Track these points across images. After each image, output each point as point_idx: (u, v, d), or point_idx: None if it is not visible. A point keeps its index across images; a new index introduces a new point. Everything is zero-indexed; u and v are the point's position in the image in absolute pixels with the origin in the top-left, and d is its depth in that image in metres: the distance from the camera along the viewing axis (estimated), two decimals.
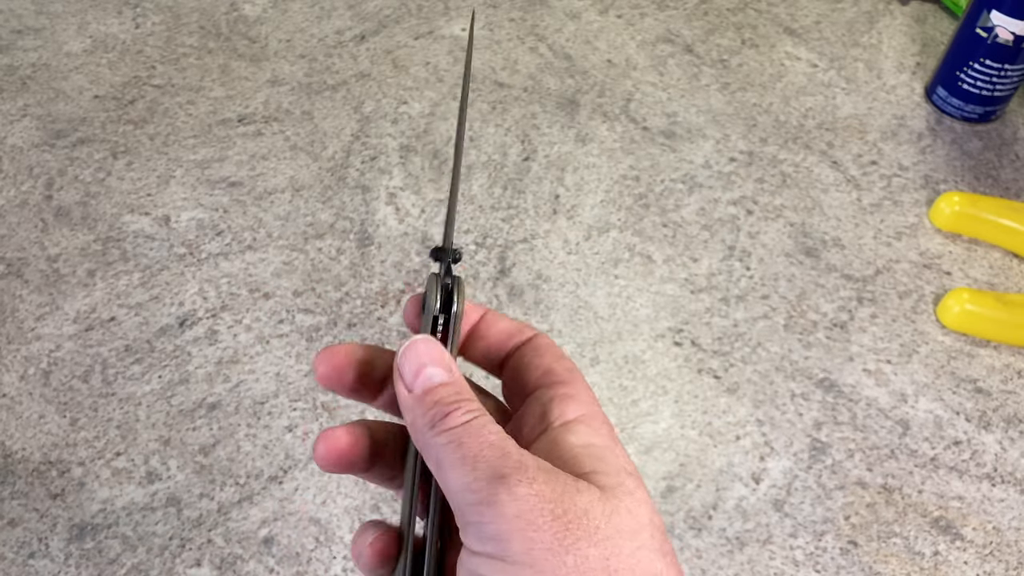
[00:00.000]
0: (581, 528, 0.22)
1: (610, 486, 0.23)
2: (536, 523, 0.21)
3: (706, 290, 0.63)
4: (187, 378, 0.58)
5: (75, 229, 0.66)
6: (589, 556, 0.21)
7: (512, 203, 0.68)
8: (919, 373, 0.59)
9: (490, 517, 0.22)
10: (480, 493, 0.22)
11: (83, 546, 0.51)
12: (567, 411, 0.26)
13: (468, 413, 0.24)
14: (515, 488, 0.22)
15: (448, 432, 0.23)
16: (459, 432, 0.23)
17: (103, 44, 0.80)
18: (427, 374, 0.25)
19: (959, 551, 0.52)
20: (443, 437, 0.23)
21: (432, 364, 0.25)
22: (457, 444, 0.23)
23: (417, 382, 0.25)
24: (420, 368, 0.25)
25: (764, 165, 0.71)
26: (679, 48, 0.81)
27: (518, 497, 0.22)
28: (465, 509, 0.23)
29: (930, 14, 0.85)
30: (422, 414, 0.24)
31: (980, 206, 0.66)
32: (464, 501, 0.23)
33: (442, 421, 0.24)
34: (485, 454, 0.23)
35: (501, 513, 0.22)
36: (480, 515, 0.22)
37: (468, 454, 0.23)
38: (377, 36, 0.81)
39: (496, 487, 0.22)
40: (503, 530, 0.22)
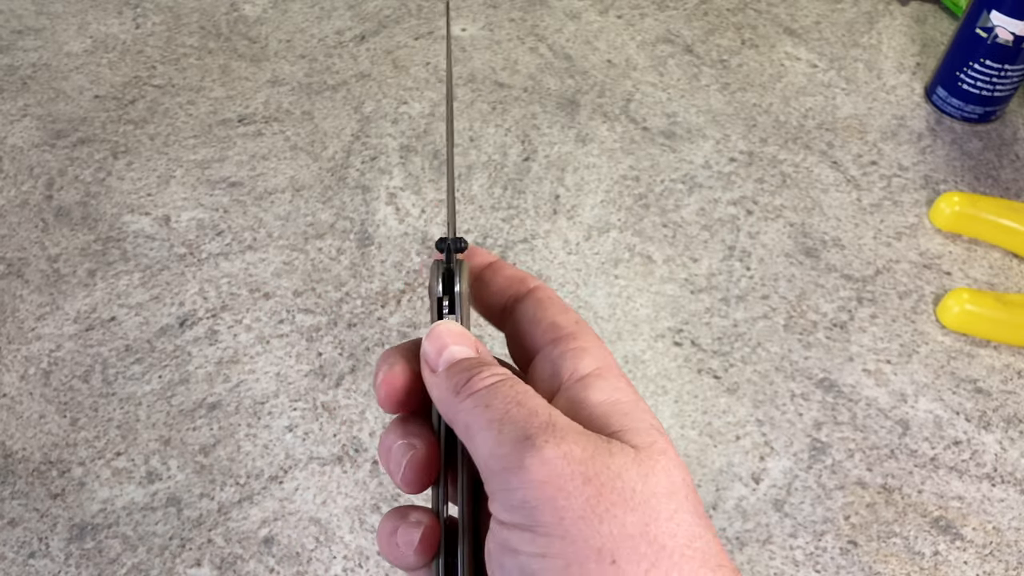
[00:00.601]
0: (616, 492, 0.20)
1: (643, 445, 0.21)
2: (566, 489, 0.20)
3: (706, 290, 0.63)
4: (187, 378, 0.58)
5: (75, 229, 0.66)
6: (626, 523, 0.20)
7: (512, 203, 0.68)
8: (919, 373, 0.59)
9: (517, 484, 0.20)
10: (507, 458, 0.21)
11: (83, 546, 0.51)
12: (580, 366, 0.24)
13: (494, 376, 0.23)
14: (543, 450, 0.20)
15: (474, 395, 0.22)
16: (484, 394, 0.22)
17: (103, 44, 0.80)
18: (451, 351, 0.24)
19: (959, 551, 0.52)
20: (469, 401, 0.22)
21: (455, 343, 0.24)
22: (484, 406, 0.22)
23: (441, 360, 0.24)
24: (443, 347, 0.24)
25: (764, 165, 0.71)
26: (679, 48, 0.81)
27: (546, 460, 0.20)
28: (492, 477, 0.21)
29: (930, 14, 0.85)
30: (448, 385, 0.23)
31: (980, 206, 0.66)
32: (491, 468, 0.21)
33: (467, 385, 0.22)
34: (512, 414, 0.21)
35: (529, 479, 0.20)
36: (507, 482, 0.21)
37: (495, 416, 0.21)
38: (377, 36, 0.81)
39: (523, 450, 0.20)
40: (531, 497, 0.20)
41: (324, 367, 0.59)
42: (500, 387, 0.22)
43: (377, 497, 0.53)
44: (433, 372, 0.24)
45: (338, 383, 0.58)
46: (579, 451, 0.21)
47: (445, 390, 0.23)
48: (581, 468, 0.20)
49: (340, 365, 0.59)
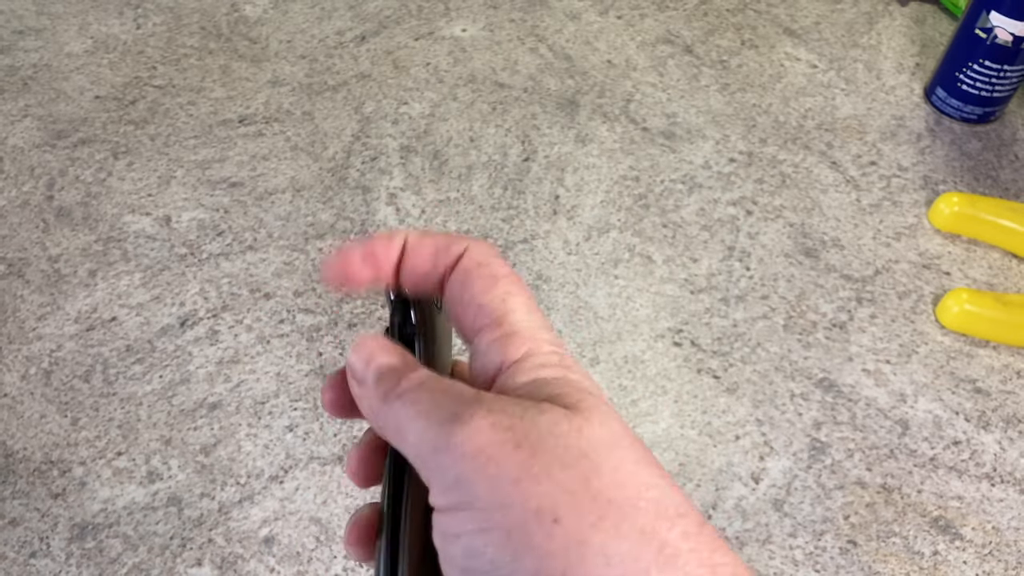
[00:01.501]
0: (549, 451, 0.19)
1: (571, 404, 0.20)
2: (497, 457, 0.19)
3: (706, 290, 0.64)
4: (188, 378, 0.58)
5: (76, 229, 0.66)
6: (564, 480, 0.19)
7: (512, 203, 0.68)
8: (918, 373, 0.60)
9: (449, 461, 0.19)
10: (436, 439, 0.20)
11: (84, 545, 0.52)
12: (509, 352, 0.22)
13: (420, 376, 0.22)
14: (470, 423, 0.19)
15: (401, 396, 0.21)
16: (411, 393, 0.21)
17: (104, 45, 0.80)
18: (377, 361, 0.23)
19: (958, 551, 0.52)
20: (398, 403, 0.21)
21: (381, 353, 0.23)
22: (412, 403, 0.21)
23: (369, 371, 0.23)
24: (369, 359, 0.23)
25: (764, 166, 0.71)
26: (679, 49, 0.81)
27: (474, 432, 0.19)
28: (425, 464, 0.20)
29: (929, 15, 0.85)
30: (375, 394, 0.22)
31: (979, 207, 0.66)
32: (423, 456, 0.20)
33: (394, 388, 0.22)
34: (439, 400, 0.21)
35: (459, 454, 0.19)
36: (439, 463, 0.20)
37: (423, 408, 0.21)
38: (377, 37, 0.81)
39: (451, 427, 0.20)
40: (464, 471, 0.19)
41: (325, 367, 0.59)
42: (427, 383, 0.21)
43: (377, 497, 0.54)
44: (361, 384, 0.23)
45: None
46: (505, 418, 0.20)
47: (374, 399, 0.22)
48: (510, 434, 0.19)
49: (340, 365, 0.59)
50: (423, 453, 0.20)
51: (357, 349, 0.23)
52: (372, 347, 0.23)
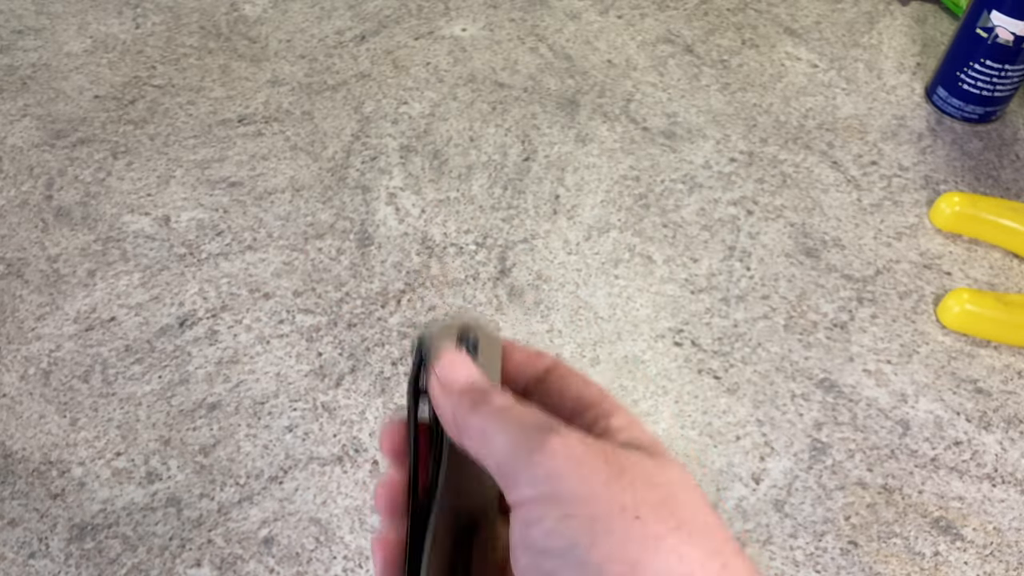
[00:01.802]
0: (635, 473, 0.21)
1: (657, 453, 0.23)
2: (590, 463, 0.21)
3: (706, 290, 0.63)
4: (187, 378, 0.58)
5: (75, 229, 0.66)
6: (648, 494, 0.21)
7: (512, 203, 0.68)
8: (919, 373, 0.59)
9: (540, 459, 0.21)
10: (531, 442, 0.22)
11: (83, 546, 0.51)
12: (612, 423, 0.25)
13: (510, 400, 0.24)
14: (566, 436, 0.21)
15: (492, 406, 0.23)
16: (503, 407, 0.23)
17: (103, 44, 0.80)
18: (467, 374, 0.25)
19: (959, 551, 0.52)
20: (487, 409, 0.23)
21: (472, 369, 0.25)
22: (504, 411, 0.23)
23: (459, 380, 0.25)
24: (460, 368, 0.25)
25: (764, 165, 0.71)
26: (679, 48, 0.81)
27: (568, 444, 0.21)
28: (514, 463, 0.22)
29: (930, 14, 0.85)
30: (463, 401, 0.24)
31: (980, 206, 0.66)
32: (513, 455, 0.22)
33: (485, 401, 0.23)
34: (530, 417, 0.23)
35: (553, 454, 0.21)
36: (531, 461, 0.21)
37: (514, 417, 0.23)
38: (377, 36, 0.81)
39: (547, 434, 0.22)
40: (556, 467, 0.21)
41: (324, 367, 0.59)
42: (518, 405, 0.23)
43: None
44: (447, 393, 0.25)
45: (338, 383, 0.58)
46: (598, 443, 0.22)
47: (460, 404, 0.24)
48: (602, 452, 0.21)
49: (340, 365, 0.59)
50: (513, 454, 0.22)
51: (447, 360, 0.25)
52: (460, 361, 0.25)
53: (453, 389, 0.24)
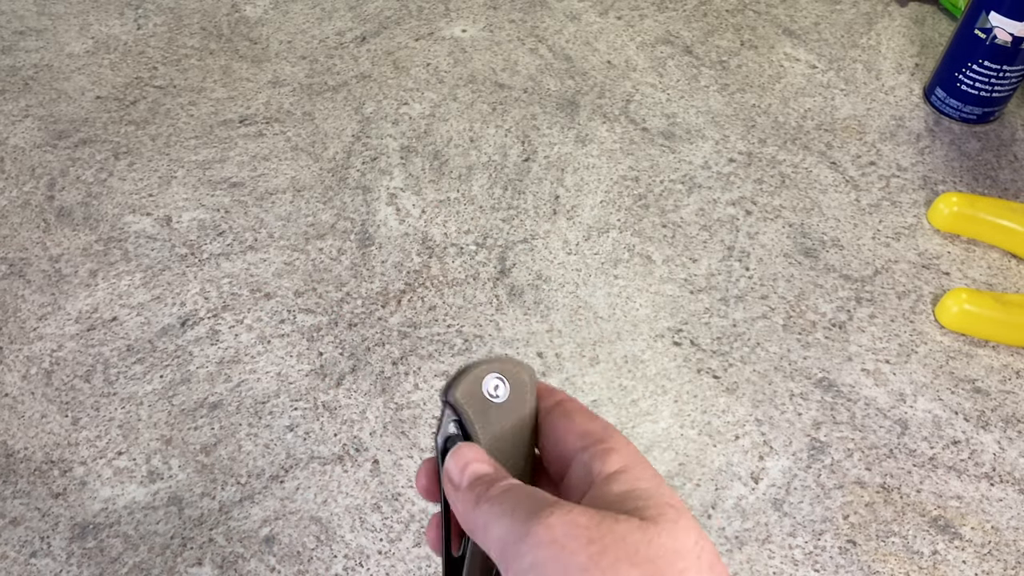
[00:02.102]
0: (619, 550, 0.21)
1: (651, 516, 0.23)
2: (570, 547, 0.21)
3: (705, 290, 0.64)
4: (188, 378, 0.58)
5: (77, 229, 0.66)
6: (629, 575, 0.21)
7: (512, 203, 0.68)
8: (918, 373, 0.60)
9: (526, 549, 0.22)
10: (517, 532, 0.22)
11: (85, 545, 0.52)
12: (608, 464, 0.26)
13: (509, 483, 0.25)
14: (548, 519, 0.22)
15: (491, 499, 0.24)
16: (499, 497, 0.24)
17: (105, 45, 0.80)
18: (472, 470, 0.26)
19: (957, 550, 0.52)
20: (486, 505, 0.24)
21: (476, 461, 0.26)
22: (499, 502, 0.24)
23: (464, 476, 0.26)
24: (465, 465, 0.26)
25: (763, 166, 0.72)
26: (678, 49, 0.81)
27: (552, 526, 0.22)
28: (504, 554, 0.23)
29: (929, 15, 0.85)
30: (469, 499, 0.25)
31: (978, 207, 0.66)
32: (504, 546, 0.23)
33: (486, 493, 0.25)
34: (523, 502, 0.23)
35: (536, 542, 0.22)
36: (517, 551, 0.22)
37: (508, 508, 0.24)
38: (378, 37, 0.81)
39: (530, 522, 0.22)
40: (539, 558, 0.22)
41: (325, 367, 0.59)
42: (514, 489, 0.24)
43: (378, 496, 0.54)
44: (456, 489, 0.26)
45: (339, 383, 0.58)
46: (584, 519, 0.22)
47: (467, 503, 0.25)
48: (586, 532, 0.22)
49: (341, 365, 0.59)
50: (505, 545, 0.23)
51: (455, 456, 0.26)
52: (469, 456, 0.26)
53: (460, 487, 0.26)
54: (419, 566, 0.51)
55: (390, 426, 0.57)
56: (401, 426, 0.57)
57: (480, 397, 0.27)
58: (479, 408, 0.27)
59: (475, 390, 0.27)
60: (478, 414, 0.27)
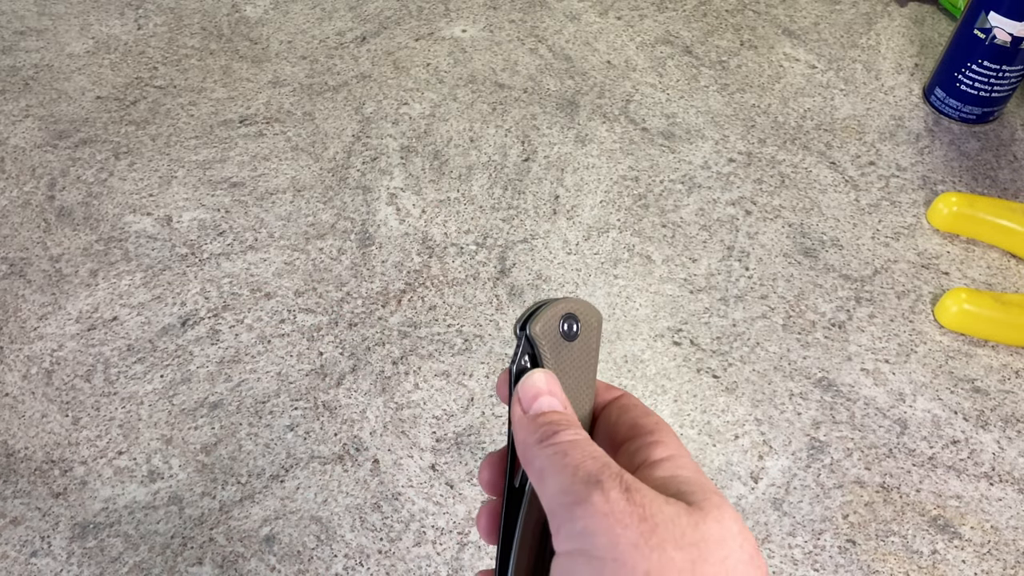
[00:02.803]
0: (667, 531, 0.22)
1: (696, 502, 0.24)
2: (624, 521, 0.22)
3: (705, 290, 0.64)
4: (189, 377, 0.59)
5: (77, 229, 0.67)
6: (675, 558, 0.22)
7: (512, 203, 0.68)
8: (917, 373, 0.60)
9: (581, 514, 0.23)
10: (576, 494, 0.23)
11: (85, 544, 0.52)
12: (653, 454, 0.26)
13: (576, 434, 0.25)
14: (609, 491, 0.23)
15: (555, 445, 0.25)
16: (566, 445, 0.25)
17: (105, 45, 0.80)
18: (543, 401, 0.27)
19: (957, 550, 0.52)
20: (550, 448, 0.25)
21: (549, 394, 0.27)
22: (563, 454, 0.24)
23: (533, 405, 0.26)
24: (537, 394, 0.27)
25: (763, 166, 0.72)
26: (678, 49, 0.81)
27: (610, 498, 0.23)
28: (559, 511, 0.24)
29: (928, 15, 0.85)
30: (533, 431, 0.26)
31: (978, 207, 0.66)
32: (559, 503, 0.24)
33: (551, 436, 0.25)
34: (587, 464, 0.24)
35: (592, 511, 0.23)
36: (572, 513, 0.23)
37: (571, 462, 0.24)
38: (378, 37, 0.81)
39: (591, 488, 0.23)
40: (591, 525, 0.22)
41: (325, 367, 0.59)
42: (580, 443, 0.25)
43: (378, 496, 0.54)
44: (524, 412, 0.27)
45: (339, 382, 0.58)
46: (639, 497, 0.23)
47: (530, 434, 0.26)
48: (639, 509, 0.22)
49: (341, 365, 0.59)
50: (561, 501, 0.24)
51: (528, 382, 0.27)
52: (541, 387, 0.27)
53: (528, 415, 0.26)
54: (419, 565, 0.51)
55: (390, 426, 0.57)
56: (401, 426, 0.57)
57: (555, 333, 0.28)
58: (553, 344, 0.28)
59: (552, 326, 0.28)
60: (552, 349, 0.28)
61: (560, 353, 0.28)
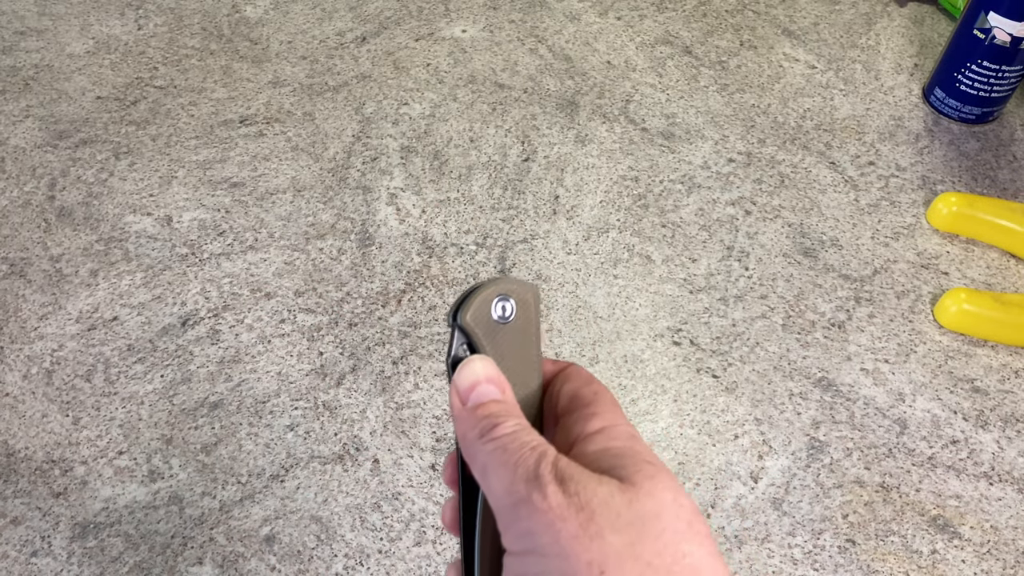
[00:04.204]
0: (604, 517, 0.22)
1: (628, 476, 0.24)
2: (562, 516, 0.22)
3: (705, 290, 0.64)
4: (189, 377, 0.59)
5: (78, 229, 0.67)
6: (613, 542, 0.22)
7: (512, 203, 0.69)
8: (917, 372, 0.60)
9: (524, 514, 0.23)
10: (518, 494, 0.23)
11: (86, 544, 0.52)
12: (588, 427, 0.26)
13: (515, 426, 0.25)
14: (546, 487, 0.23)
15: (495, 440, 0.25)
16: (505, 440, 0.25)
17: (105, 45, 0.80)
18: (481, 390, 0.26)
19: (957, 549, 0.52)
20: (490, 445, 0.25)
21: (487, 382, 0.26)
22: (502, 450, 0.24)
23: (472, 396, 0.26)
24: (475, 384, 0.26)
25: (762, 166, 0.72)
26: (678, 50, 0.81)
27: (548, 495, 0.23)
28: (504, 512, 0.24)
29: (928, 16, 0.85)
30: (472, 425, 0.26)
31: (977, 207, 0.66)
32: (504, 504, 0.24)
33: (490, 432, 0.25)
34: (525, 457, 0.24)
35: (533, 510, 0.23)
36: (516, 514, 0.23)
37: (510, 459, 0.24)
38: (378, 38, 0.81)
39: (530, 488, 0.23)
40: (534, 525, 0.23)
41: (325, 366, 0.59)
42: (518, 434, 0.25)
43: (378, 495, 0.54)
44: (462, 403, 0.26)
45: (339, 382, 0.59)
46: (574, 486, 0.23)
47: (470, 428, 0.26)
48: (576, 499, 0.23)
49: (341, 364, 0.59)
50: (505, 502, 0.24)
51: (465, 371, 0.27)
52: (479, 374, 0.27)
53: (467, 407, 0.26)
54: (419, 565, 0.51)
55: (390, 425, 0.57)
56: (401, 425, 0.57)
57: (489, 319, 0.27)
58: (488, 330, 0.27)
59: (484, 312, 0.27)
60: (487, 336, 0.27)
61: (496, 337, 0.28)
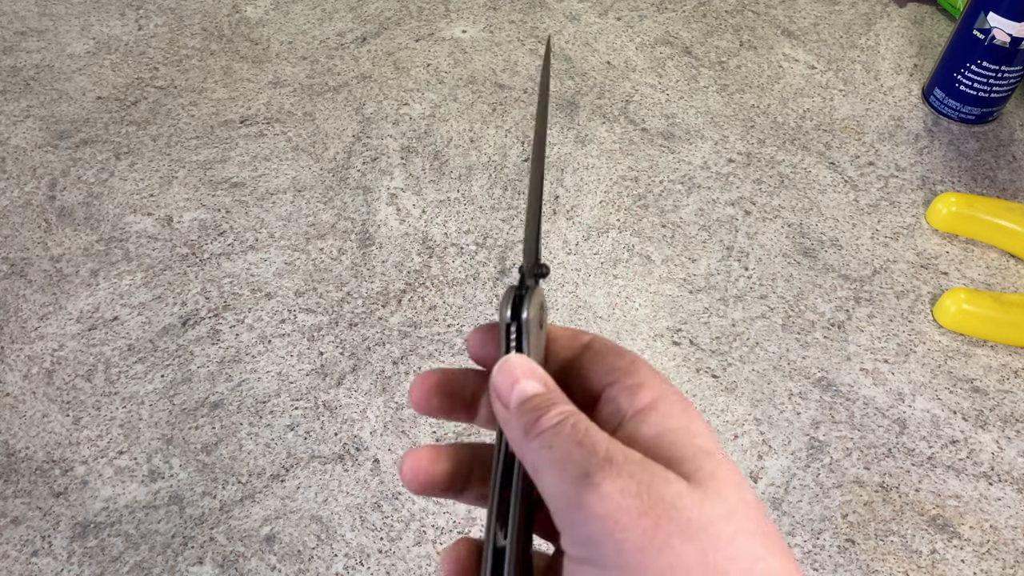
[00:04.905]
0: (672, 523, 0.21)
1: (693, 472, 0.22)
2: (623, 522, 0.21)
3: (704, 290, 0.64)
4: (189, 377, 0.59)
5: (78, 229, 0.67)
6: (684, 553, 0.21)
7: (512, 203, 0.69)
8: (916, 372, 0.60)
9: (579, 520, 0.22)
10: (569, 496, 0.22)
11: (86, 544, 0.52)
12: (636, 400, 0.25)
13: (559, 415, 0.24)
14: (600, 487, 0.21)
15: (540, 436, 0.23)
16: (549, 435, 0.23)
17: (106, 46, 0.80)
18: (521, 388, 0.25)
19: (956, 549, 0.52)
20: (536, 442, 0.23)
21: (525, 378, 0.25)
22: (548, 447, 0.23)
23: (513, 396, 0.25)
24: (514, 383, 0.25)
25: (762, 166, 0.72)
26: (678, 50, 0.81)
27: (603, 496, 0.21)
28: (558, 514, 0.22)
29: (927, 16, 0.85)
30: (517, 424, 0.24)
31: (977, 207, 0.66)
32: (557, 506, 0.22)
33: (534, 426, 0.24)
34: (573, 455, 0.22)
35: (589, 515, 0.21)
36: (571, 519, 0.22)
37: (557, 457, 0.23)
38: (378, 38, 0.81)
39: (582, 488, 0.22)
40: (593, 532, 0.21)
41: (325, 366, 0.59)
42: (563, 427, 0.23)
43: (378, 495, 0.54)
44: (505, 408, 0.25)
45: (339, 382, 0.59)
46: (634, 484, 0.21)
47: (516, 429, 0.24)
48: (636, 502, 0.21)
49: (341, 364, 0.59)
50: (558, 504, 0.22)
51: (502, 371, 0.25)
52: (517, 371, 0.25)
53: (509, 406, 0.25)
54: (419, 565, 0.51)
55: (390, 425, 0.57)
56: (401, 425, 0.57)
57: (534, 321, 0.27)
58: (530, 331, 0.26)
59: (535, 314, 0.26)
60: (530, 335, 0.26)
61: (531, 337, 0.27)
